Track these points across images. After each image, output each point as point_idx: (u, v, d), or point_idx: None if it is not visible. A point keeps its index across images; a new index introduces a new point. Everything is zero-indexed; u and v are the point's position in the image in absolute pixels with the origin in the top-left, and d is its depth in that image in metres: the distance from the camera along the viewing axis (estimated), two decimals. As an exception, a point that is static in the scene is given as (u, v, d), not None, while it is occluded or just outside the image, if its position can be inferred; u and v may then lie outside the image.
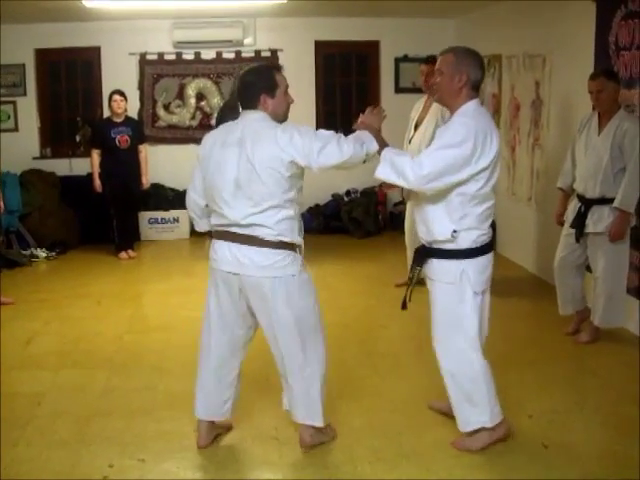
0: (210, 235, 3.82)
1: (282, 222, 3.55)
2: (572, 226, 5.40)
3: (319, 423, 3.84)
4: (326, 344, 3.84)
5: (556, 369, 5.05)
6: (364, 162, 3.62)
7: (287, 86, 3.70)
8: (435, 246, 3.74)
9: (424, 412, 4.31)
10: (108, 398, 4.63)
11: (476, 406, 3.81)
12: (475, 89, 3.71)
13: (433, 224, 3.71)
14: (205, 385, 3.95)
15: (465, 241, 3.67)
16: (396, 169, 3.55)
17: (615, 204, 5.08)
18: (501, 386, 4.25)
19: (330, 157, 3.48)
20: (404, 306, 3.94)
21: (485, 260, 3.76)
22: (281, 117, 3.68)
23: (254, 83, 3.63)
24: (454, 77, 3.65)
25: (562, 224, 5.64)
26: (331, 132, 3.56)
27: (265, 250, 3.56)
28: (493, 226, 3.92)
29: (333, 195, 9.93)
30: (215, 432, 4.05)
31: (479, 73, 3.70)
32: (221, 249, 3.69)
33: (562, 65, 6.66)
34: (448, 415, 4.06)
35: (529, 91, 7.46)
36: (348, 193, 9.94)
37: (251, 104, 3.63)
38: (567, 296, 5.63)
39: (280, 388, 3.98)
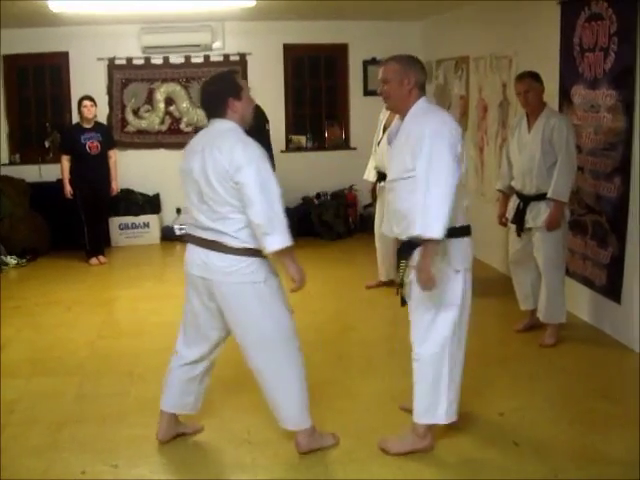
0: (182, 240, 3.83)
1: (243, 230, 3.54)
2: (512, 222, 5.53)
3: (292, 427, 3.85)
4: (296, 351, 3.80)
5: (526, 366, 5.11)
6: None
7: (249, 89, 3.74)
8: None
9: (395, 413, 4.33)
10: (80, 404, 4.62)
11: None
12: (422, 89, 3.78)
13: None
14: (171, 377, 3.99)
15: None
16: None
17: (549, 195, 5.22)
18: (472, 384, 4.29)
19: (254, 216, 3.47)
20: (403, 303, 3.94)
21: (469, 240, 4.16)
22: (249, 120, 3.73)
23: (219, 89, 3.66)
24: (402, 82, 3.72)
25: (504, 224, 5.79)
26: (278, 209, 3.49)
27: (230, 257, 3.57)
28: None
29: (303, 198, 9.92)
30: (178, 429, 4.08)
31: (422, 74, 3.78)
32: (191, 253, 3.74)
33: (528, 66, 6.67)
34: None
35: (496, 92, 7.52)
36: (318, 196, 9.96)
37: (219, 111, 3.64)
38: (526, 291, 5.72)
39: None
